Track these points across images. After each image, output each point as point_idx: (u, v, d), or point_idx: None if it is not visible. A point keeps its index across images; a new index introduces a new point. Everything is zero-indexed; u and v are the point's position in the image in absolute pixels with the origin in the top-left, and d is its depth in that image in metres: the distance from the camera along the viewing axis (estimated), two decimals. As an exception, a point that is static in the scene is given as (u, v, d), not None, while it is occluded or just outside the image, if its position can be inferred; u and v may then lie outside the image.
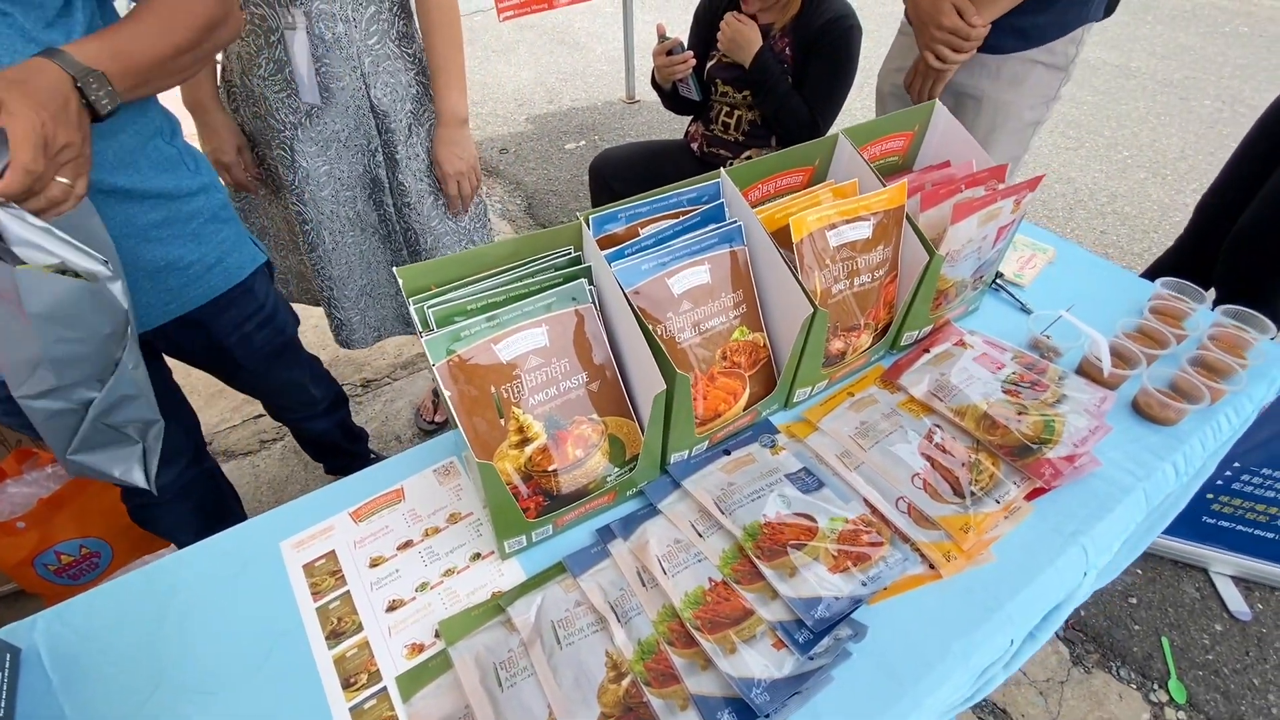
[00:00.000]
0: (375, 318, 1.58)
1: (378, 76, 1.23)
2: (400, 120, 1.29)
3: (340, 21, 1.16)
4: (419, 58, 1.30)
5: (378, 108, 1.26)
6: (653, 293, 0.78)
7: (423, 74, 1.31)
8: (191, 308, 1.02)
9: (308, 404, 1.45)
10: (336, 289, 1.45)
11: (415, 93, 1.30)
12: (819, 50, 1.66)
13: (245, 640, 0.70)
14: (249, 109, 1.27)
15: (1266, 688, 1.52)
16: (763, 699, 0.60)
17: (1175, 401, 0.88)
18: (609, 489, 0.77)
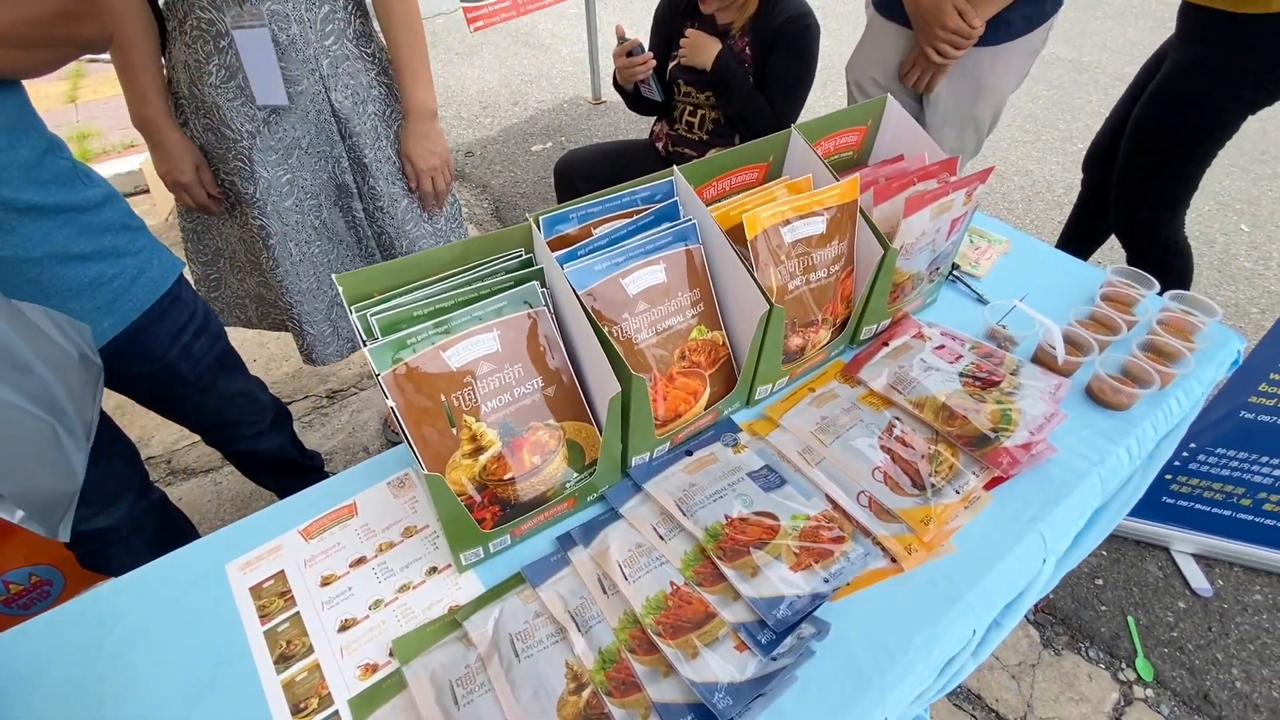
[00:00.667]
0: (349, 329, 1.53)
1: (337, 79, 1.19)
2: (365, 123, 1.25)
3: (294, 23, 1.12)
4: (379, 57, 1.26)
5: (339, 111, 1.22)
6: (607, 294, 0.77)
7: (385, 74, 1.27)
8: (126, 324, 0.99)
9: (259, 412, 1.40)
10: (306, 303, 1.40)
11: (379, 94, 1.26)
12: (779, 49, 1.67)
13: (188, 669, 0.67)
14: (200, 121, 1.21)
15: (1229, 662, 1.56)
16: (725, 703, 0.59)
17: (1127, 387, 0.89)
18: (568, 495, 0.76)
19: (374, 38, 1.25)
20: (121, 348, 1.00)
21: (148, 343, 1.04)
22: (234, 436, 1.39)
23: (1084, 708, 1.49)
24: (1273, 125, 3.58)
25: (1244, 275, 2.64)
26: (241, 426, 1.38)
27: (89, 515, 1.09)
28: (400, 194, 1.34)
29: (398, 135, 1.31)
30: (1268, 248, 2.76)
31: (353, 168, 1.29)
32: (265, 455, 1.48)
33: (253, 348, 2.37)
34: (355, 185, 1.31)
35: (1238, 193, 3.09)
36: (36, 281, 0.87)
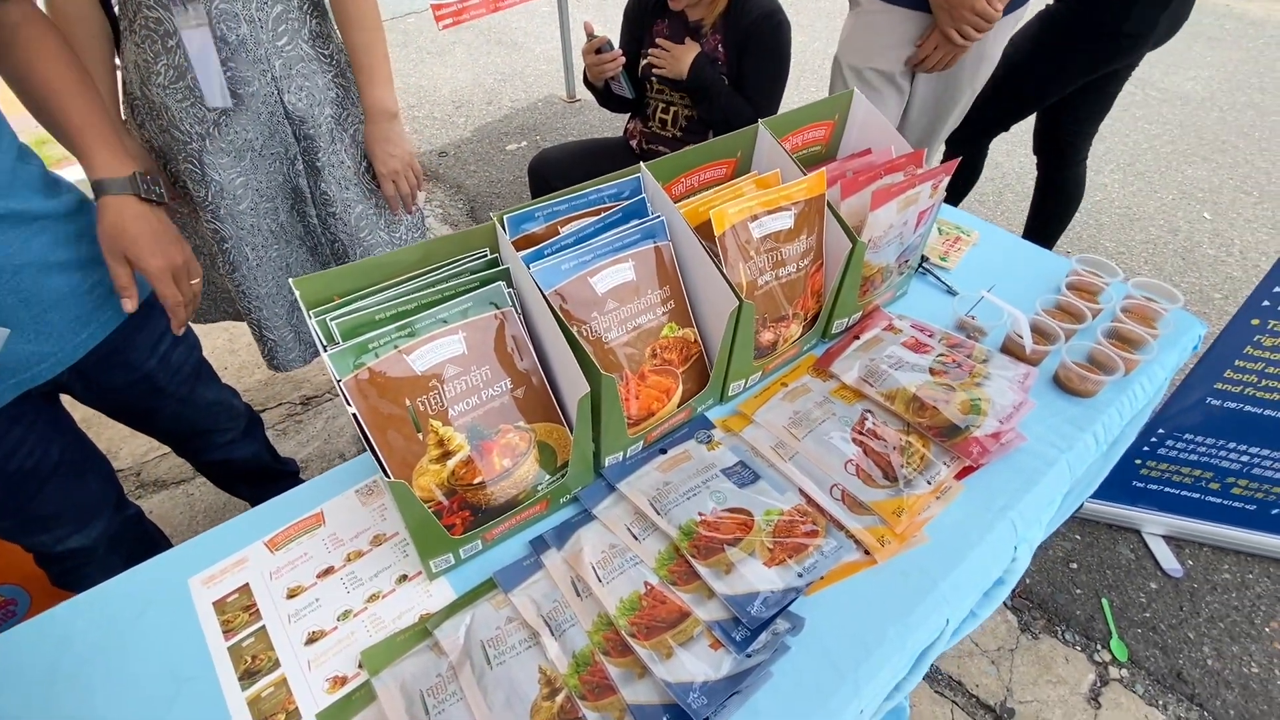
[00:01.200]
0: (310, 333, 1.49)
1: (291, 80, 1.16)
2: (320, 126, 1.22)
3: (244, 22, 1.08)
4: (337, 58, 1.23)
5: (293, 113, 1.19)
6: (575, 293, 0.76)
7: (342, 75, 1.25)
8: (105, 333, 0.96)
9: (233, 420, 1.37)
10: (266, 308, 1.37)
11: (335, 95, 1.23)
12: (753, 49, 1.66)
13: (148, 689, 0.65)
14: (153, 123, 1.18)
15: (1201, 640, 1.60)
16: (700, 703, 0.59)
17: (1093, 374, 0.90)
18: (540, 498, 0.75)
19: (331, 38, 1.22)
20: (101, 359, 0.97)
21: (127, 353, 1.02)
22: (207, 446, 1.36)
23: (1062, 689, 1.51)
24: (1232, 115, 3.67)
25: (1207, 262, 2.70)
26: (215, 435, 1.35)
27: (63, 536, 1.06)
28: (355, 200, 1.32)
29: (355, 139, 1.28)
30: (1229, 235, 2.83)
31: (307, 170, 1.26)
32: (239, 464, 1.45)
33: (224, 355, 2.32)
34: (309, 189, 1.29)
35: (1200, 181, 3.16)
36: (16, 292, 0.84)
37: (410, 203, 1.37)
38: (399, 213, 1.38)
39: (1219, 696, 1.50)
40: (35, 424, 0.96)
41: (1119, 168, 3.26)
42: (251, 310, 1.36)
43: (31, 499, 0.99)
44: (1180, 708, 1.49)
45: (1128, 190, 3.10)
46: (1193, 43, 4.52)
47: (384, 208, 1.39)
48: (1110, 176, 3.20)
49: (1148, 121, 3.63)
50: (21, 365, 0.88)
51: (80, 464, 1.07)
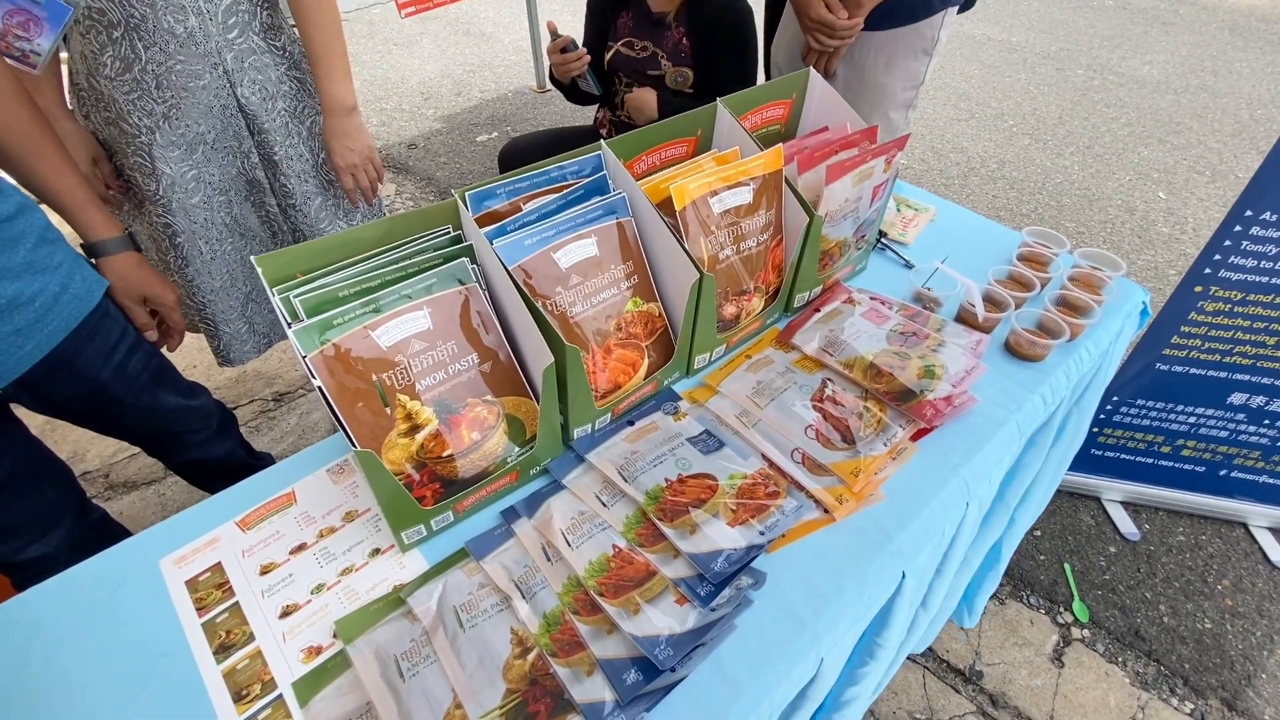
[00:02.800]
0: (264, 323, 1.49)
1: (243, 74, 1.15)
2: (274, 120, 1.21)
3: (192, 14, 1.06)
4: (290, 50, 1.22)
5: (246, 107, 1.18)
6: (539, 268, 0.78)
7: (295, 68, 1.23)
8: (51, 346, 0.91)
9: (204, 419, 1.34)
10: (220, 302, 1.35)
11: (289, 89, 1.22)
12: (720, 42, 1.66)
13: (123, 666, 0.65)
14: (100, 115, 1.15)
15: (1157, 600, 1.67)
16: (666, 654, 0.61)
17: (1041, 339, 0.95)
18: (510, 469, 0.76)
19: (283, 30, 1.21)
20: (49, 371, 0.93)
21: (78, 365, 0.97)
22: (180, 447, 1.33)
23: (1027, 651, 1.57)
24: (1186, 98, 3.79)
25: (1162, 240, 2.79)
26: (187, 436, 1.32)
27: (21, 547, 1.04)
28: (314, 191, 1.31)
29: (312, 131, 1.28)
30: (1183, 213, 2.93)
31: (263, 163, 1.25)
32: (214, 463, 1.42)
33: (193, 353, 2.29)
34: (267, 180, 1.28)
35: (1155, 162, 3.26)
36: None
37: (370, 196, 1.36)
38: (357, 204, 1.37)
39: (1174, 652, 1.57)
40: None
41: (1078, 150, 3.35)
42: (205, 305, 1.34)
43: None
44: (1139, 664, 1.56)
45: (1087, 171, 3.19)
46: (1149, 28, 4.65)
47: (342, 198, 1.39)
48: (1070, 159, 3.29)
49: (1105, 105, 3.73)
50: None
51: (35, 475, 1.04)
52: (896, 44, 1.41)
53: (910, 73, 1.46)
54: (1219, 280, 1.42)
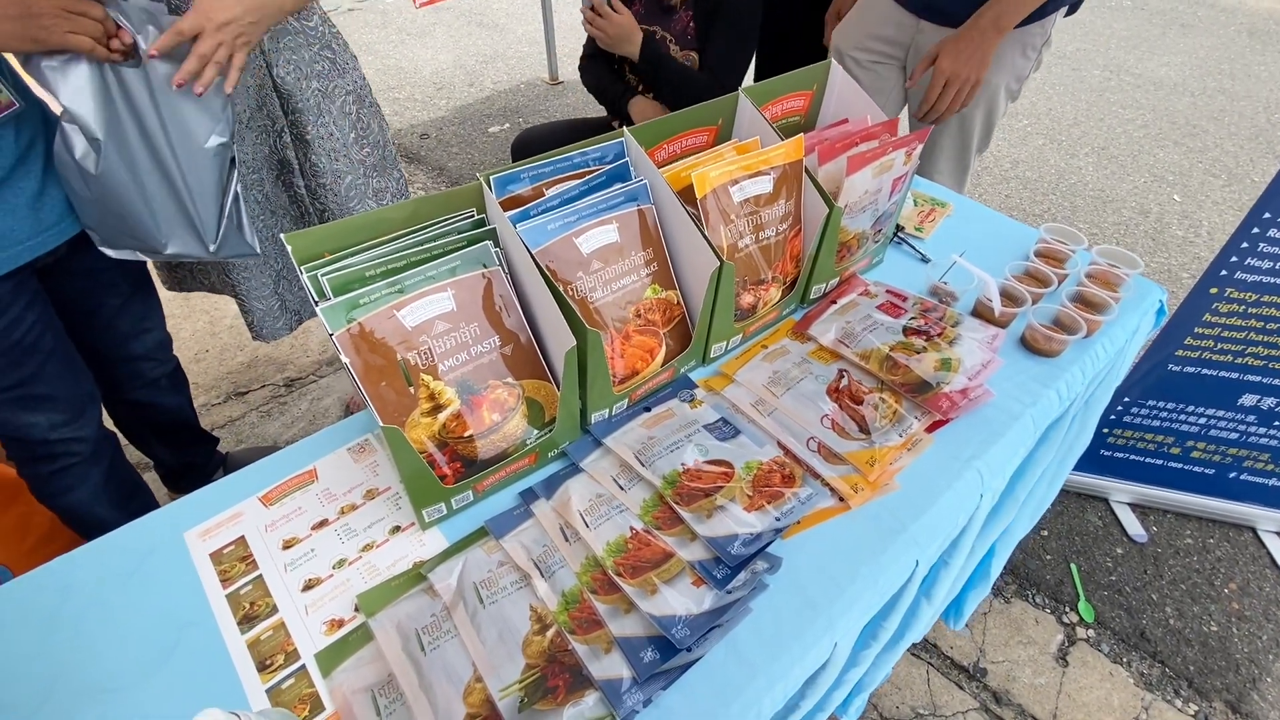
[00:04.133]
0: (295, 300, 1.51)
1: (279, 54, 1.16)
2: (308, 99, 1.22)
3: None
4: (320, 30, 1.24)
5: (281, 87, 1.19)
6: (561, 253, 0.78)
7: (326, 48, 1.25)
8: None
9: (163, 352, 1.43)
10: (254, 278, 1.38)
11: (321, 69, 1.24)
12: (720, 14, 1.65)
13: (150, 634, 0.66)
14: None
15: (1163, 601, 1.67)
16: (683, 633, 0.62)
17: (1057, 334, 0.95)
18: (529, 451, 0.77)
19: (314, 11, 1.23)
20: (79, 241, 1.07)
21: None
22: (134, 376, 1.41)
23: (1032, 650, 1.58)
24: (1203, 101, 3.76)
25: (1176, 243, 2.78)
26: (144, 364, 1.40)
27: (58, 423, 1.13)
28: (344, 170, 1.32)
29: (343, 110, 1.29)
30: (1197, 216, 2.91)
31: (294, 143, 1.27)
32: (162, 412, 1.50)
33: (205, 338, 2.30)
34: (297, 160, 1.29)
35: (1170, 165, 3.24)
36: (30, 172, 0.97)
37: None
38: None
39: (1180, 654, 1.57)
40: (34, 303, 1.04)
41: (1093, 151, 3.33)
42: (239, 282, 1.36)
43: (34, 376, 1.07)
44: (1143, 665, 1.56)
45: (1101, 173, 3.18)
46: (1167, 29, 4.61)
47: (371, 177, 1.40)
48: (1085, 160, 3.27)
49: (1121, 106, 3.70)
50: (31, 232, 0.98)
51: (72, 358, 1.15)
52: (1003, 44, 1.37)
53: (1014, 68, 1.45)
54: (1234, 281, 1.41)
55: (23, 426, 1.11)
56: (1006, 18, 1.13)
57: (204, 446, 1.69)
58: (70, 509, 1.28)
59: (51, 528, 1.40)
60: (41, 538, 1.41)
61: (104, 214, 1.06)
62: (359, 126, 1.34)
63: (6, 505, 1.38)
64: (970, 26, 1.13)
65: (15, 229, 0.97)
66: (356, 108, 1.32)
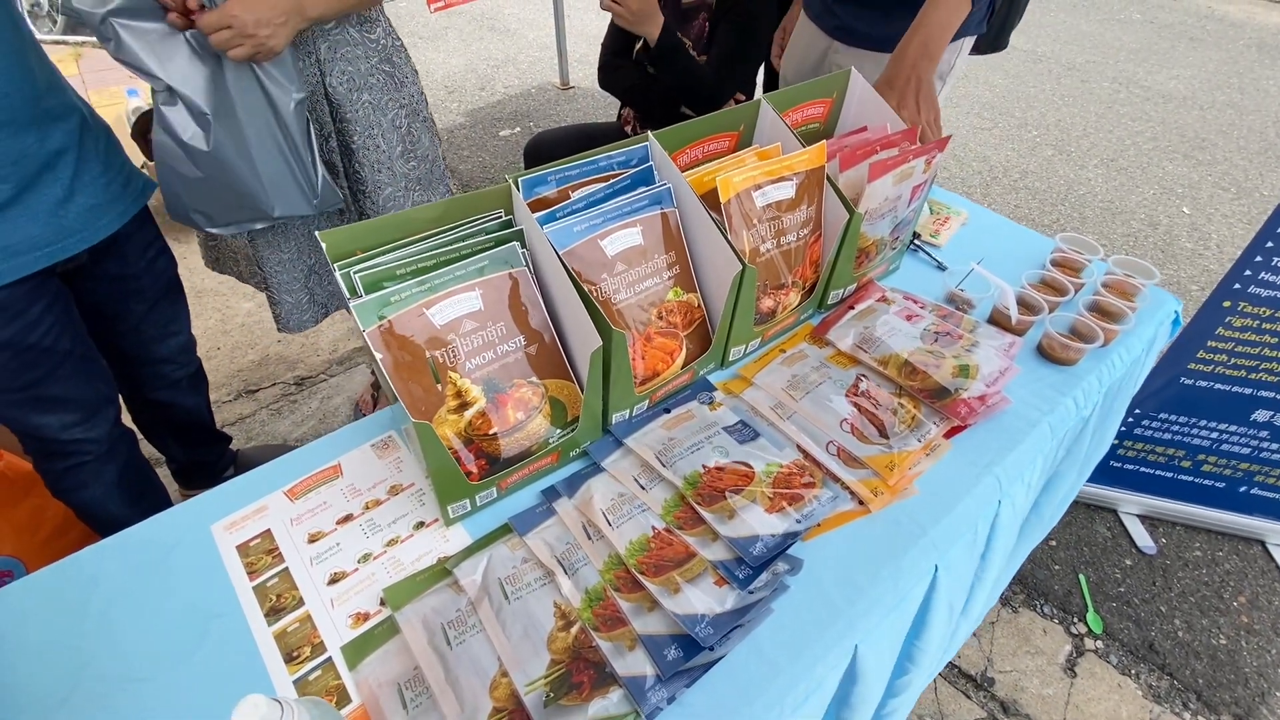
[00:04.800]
0: (323, 294, 1.52)
1: (334, 64, 1.17)
2: (357, 110, 1.22)
3: None
4: (382, 43, 1.24)
5: (333, 96, 1.19)
6: (586, 254, 0.79)
7: (386, 60, 1.25)
8: (117, 226, 1.10)
9: (186, 354, 1.43)
10: (286, 272, 1.39)
11: (377, 81, 1.23)
12: (730, 16, 1.66)
13: (177, 625, 0.67)
14: None
15: (1172, 614, 1.67)
16: (706, 632, 0.63)
17: (1074, 343, 0.95)
18: (552, 449, 0.78)
19: (379, 23, 1.23)
20: (107, 246, 1.10)
21: (126, 249, 1.16)
22: (156, 378, 1.41)
23: (1040, 660, 1.57)
24: (1212, 114, 3.77)
25: (1185, 255, 2.78)
26: (166, 367, 1.41)
27: (70, 424, 1.14)
28: (385, 182, 1.33)
29: (393, 124, 1.29)
30: (1207, 229, 2.92)
31: (340, 149, 1.27)
32: (180, 412, 1.51)
33: (217, 335, 2.32)
34: (341, 165, 1.30)
35: (1180, 177, 3.25)
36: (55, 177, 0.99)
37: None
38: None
39: (1188, 666, 1.57)
40: (53, 306, 1.05)
41: (1102, 163, 3.34)
42: (271, 275, 1.37)
43: (46, 377, 1.07)
44: (1152, 677, 1.56)
45: (1110, 185, 3.18)
46: (1176, 43, 4.62)
47: (413, 190, 1.40)
48: (1094, 171, 3.28)
49: (1130, 119, 3.72)
50: (52, 238, 1.00)
51: (90, 360, 1.16)
52: None
53: None
54: (1248, 296, 1.42)
55: (35, 426, 1.12)
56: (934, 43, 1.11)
57: (218, 446, 1.70)
58: (84, 505, 1.30)
59: (64, 521, 1.41)
60: (54, 530, 1.42)
61: (215, 190, 1.09)
62: (408, 140, 1.34)
63: (20, 498, 1.39)
64: (898, 59, 1.11)
65: (36, 234, 0.98)
66: (409, 121, 1.32)
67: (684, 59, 1.64)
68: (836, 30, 1.51)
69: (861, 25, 1.44)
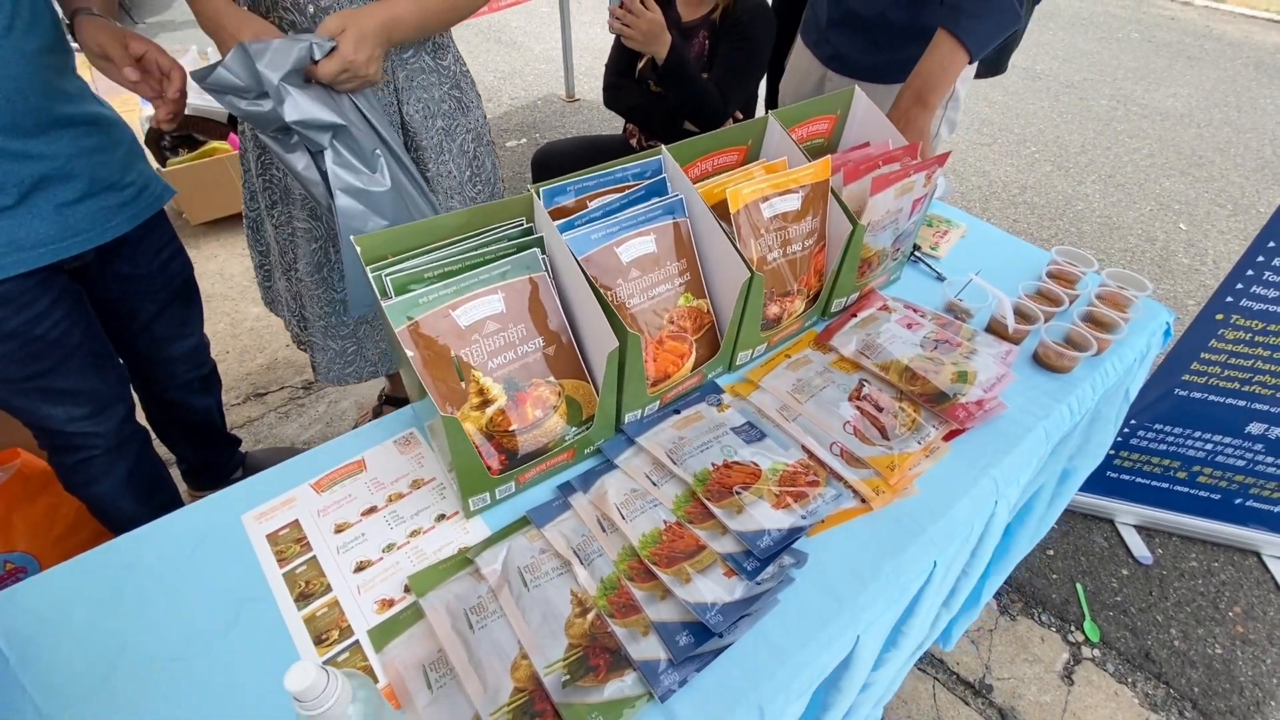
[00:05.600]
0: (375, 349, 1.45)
1: (410, 91, 1.16)
2: (431, 138, 1.22)
3: None
4: (454, 70, 1.24)
5: (409, 124, 1.19)
6: (602, 261, 0.83)
7: (455, 87, 1.25)
8: (134, 224, 1.14)
9: (199, 355, 1.45)
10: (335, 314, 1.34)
11: (448, 108, 1.23)
12: (732, 35, 1.71)
13: (211, 608, 0.70)
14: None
15: (1168, 623, 1.69)
16: (717, 619, 0.66)
17: (1069, 351, 0.99)
18: (568, 446, 0.82)
19: (449, 49, 1.23)
20: (118, 246, 1.14)
21: (136, 250, 1.19)
22: (169, 378, 1.43)
23: (1037, 668, 1.60)
24: (1209, 132, 3.83)
25: (1182, 270, 2.82)
26: (179, 367, 1.42)
27: (76, 416, 1.17)
28: (456, 207, 1.31)
29: (462, 149, 1.29)
30: (1203, 245, 2.96)
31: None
32: (192, 413, 1.54)
33: (225, 339, 2.36)
34: None
35: (1177, 193, 3.30)
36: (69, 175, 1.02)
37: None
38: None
39: (1184, 675, 1.59)
40: (61, 300, 1.08)
41: (1100, 179, 3.40)
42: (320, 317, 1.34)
43: (54, 369, 1.09)
44: (1148, 685, 1.58)
45: (1108, 200, 3.23)
46: (1173, 61, 4.70)
47: None
48: (1092, 187, 3.33)
49: (1128, 136, 3.78)
50: (59, 235, 1.02)
51: (101, 355, 1.18)
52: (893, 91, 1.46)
53: None
54: (1240, 309, 1.45)
55: (42, 417, 1.15)
56: (930, 92, 1.14)
57: (228, 448, 1.73)
58: (95, 500, 1.32)
59: (78, 518, 1.44)
60: (68, 528, 1.45)
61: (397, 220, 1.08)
62: (475, 164, 1.34)
63: (35, 495, 1.42)
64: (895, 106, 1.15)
65: (38, 231, 0.99)
66: (475, 146, 1.32)
67: (690, 77, 1.68)
68: (831, 60, 1.56)
69: (853, 53, 1.49)
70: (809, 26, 1.65)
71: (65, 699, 0.63)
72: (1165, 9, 5.68)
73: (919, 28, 1.36)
